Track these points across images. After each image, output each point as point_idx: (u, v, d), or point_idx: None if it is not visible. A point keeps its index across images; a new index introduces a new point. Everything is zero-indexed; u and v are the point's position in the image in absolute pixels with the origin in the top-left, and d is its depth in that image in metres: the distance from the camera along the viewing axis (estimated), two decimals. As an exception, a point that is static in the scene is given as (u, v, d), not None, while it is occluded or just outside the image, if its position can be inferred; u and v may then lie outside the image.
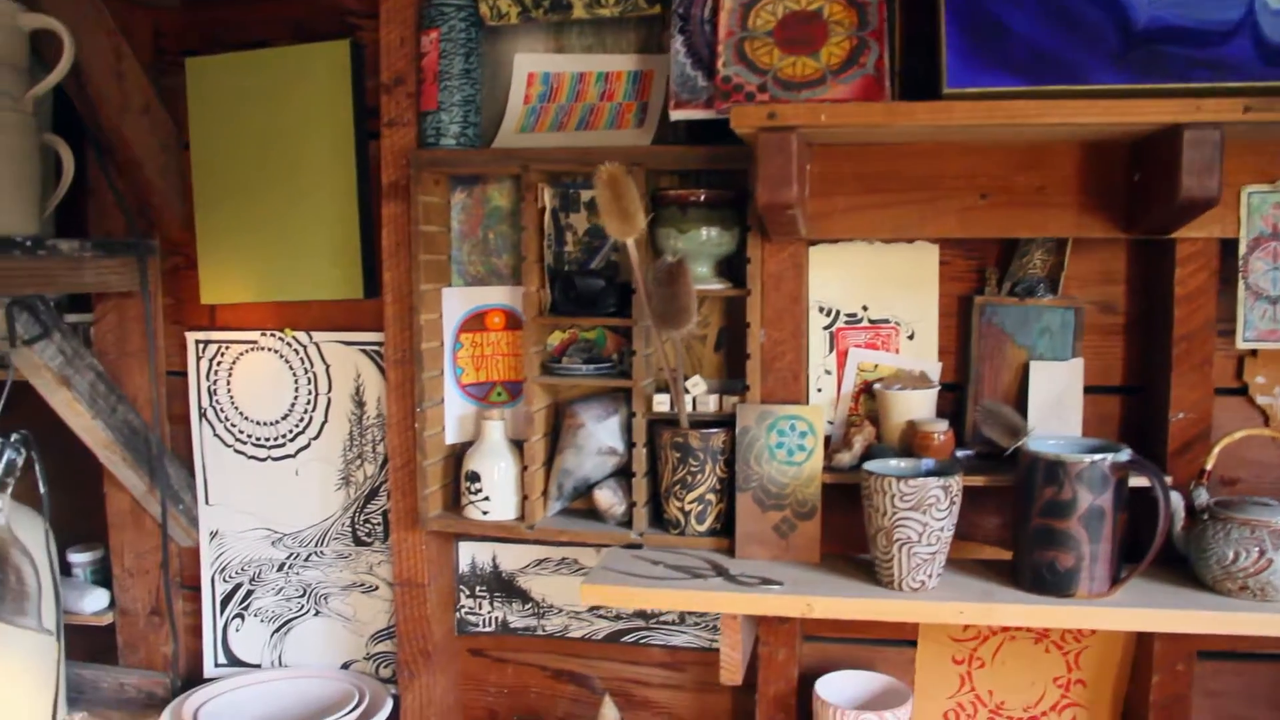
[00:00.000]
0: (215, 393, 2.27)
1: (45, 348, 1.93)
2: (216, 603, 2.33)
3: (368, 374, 2.18)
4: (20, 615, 1.68)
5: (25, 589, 1.72)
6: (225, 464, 2.28)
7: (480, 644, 2.21)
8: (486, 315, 2.07)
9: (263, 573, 2.30)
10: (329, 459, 2.22)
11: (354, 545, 2.23)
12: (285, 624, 2.30)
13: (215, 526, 2.31)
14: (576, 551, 2.13)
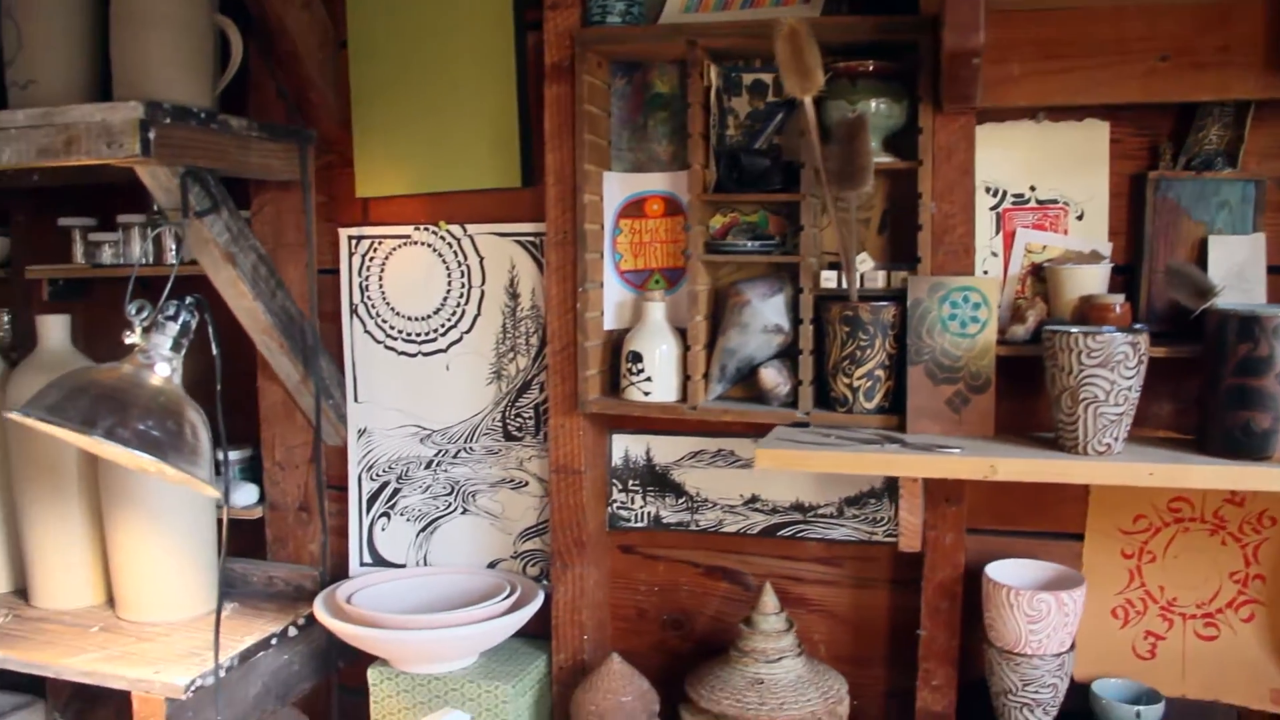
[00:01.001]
0: (367, 289, 2.33)
1: (214, 222, 2.00)
2: (363, 501, 2.38)
3: (523, 265, 2.22)
4: (194, 466, 1.74)
5: (199, 445, 1.77)
6: (375, 361, 2.34)
7: (631, 540, 2.23)
8: (645, 202, 2.11)
9: (410, 470, 2.35)
10: (481, 353, 2.27)
11: (504, 440, 2.27)
12: (431, 523, 2.34)
13: (363, 424, 2.37)
14: (733, 443, 2.15)
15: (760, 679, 1.97)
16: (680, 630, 2.23)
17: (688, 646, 2.23)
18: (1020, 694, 1.88)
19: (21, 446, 2.24)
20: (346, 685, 2.39)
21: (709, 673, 2.02)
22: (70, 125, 1.86)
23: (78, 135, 1.86)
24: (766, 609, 2.01)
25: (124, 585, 2.19)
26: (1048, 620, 1.84)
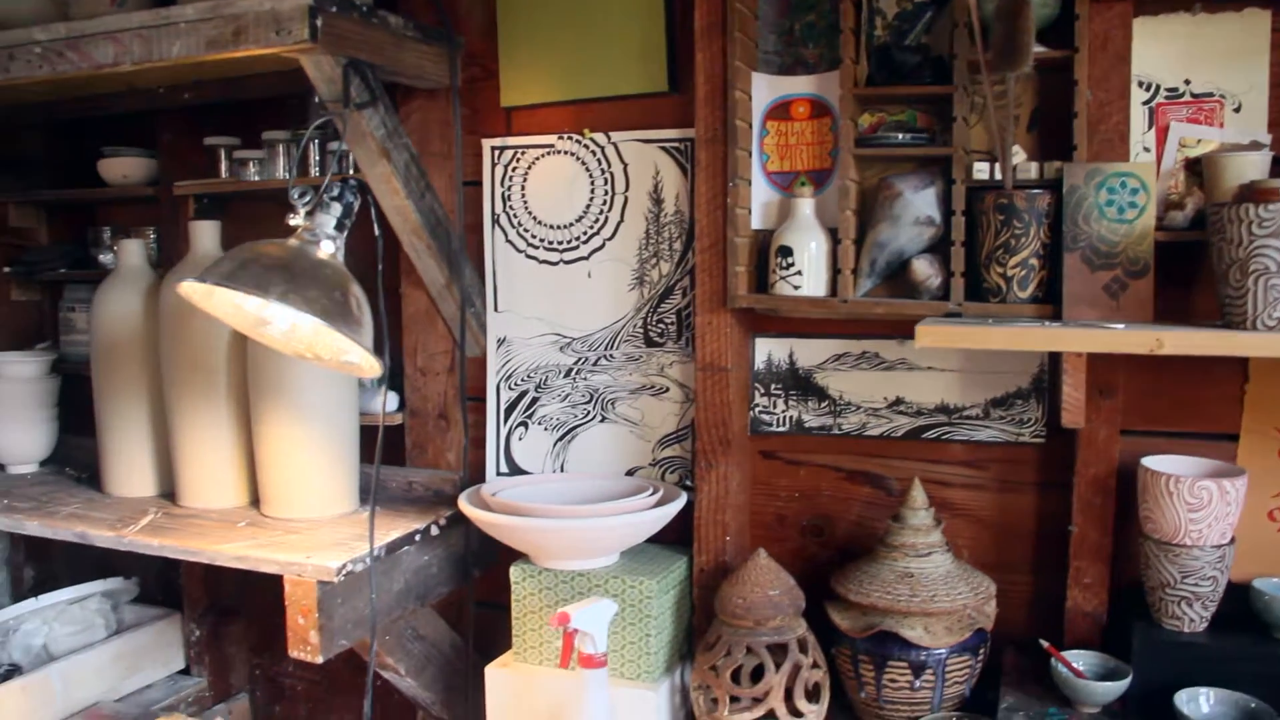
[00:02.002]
0: (509, 198, 2.40)
1: (372, 116, 2.07)
2: (501, 410, 2.44)
3: (667, 171, 2.27)
4: (359, 336, 1.80)
5: (363, 319, 1.84)
6: (516, 270, 2.40)
7: (772, 445, 2.27)
8: (792, 105, 2.15)
9: (549, 379, 2.40)
10: (623, 259, 2.32)
11: (645, 346, 2.32)
12: (569, 431, 2.39)
13: (503, 333, 2.43)
14: (878, 345, 2.18)
15: (910, 573, 2.00)
16: (821, 536, 2.26)
17: (828, 553, 2.25)
18: (1179, 587, 1.88)
19: (174, 350, 2.34)
20: (481, 600, 2.44)
21: (856, 570, 2.05)
22: (239, 16, 1.95)
23: (246, 25, 1.95)
24: (915, 504, 2.04)
25: (270, 483, 2.27)
26: (1209, 509, 1.85)
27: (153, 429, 2.46)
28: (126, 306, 2.44)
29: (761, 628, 2.02)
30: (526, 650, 2.19)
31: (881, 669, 1.99)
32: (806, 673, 2.03)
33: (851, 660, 2.03)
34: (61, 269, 2.88)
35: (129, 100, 2.59)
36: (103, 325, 2.45)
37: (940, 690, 1.99)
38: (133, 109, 2.62)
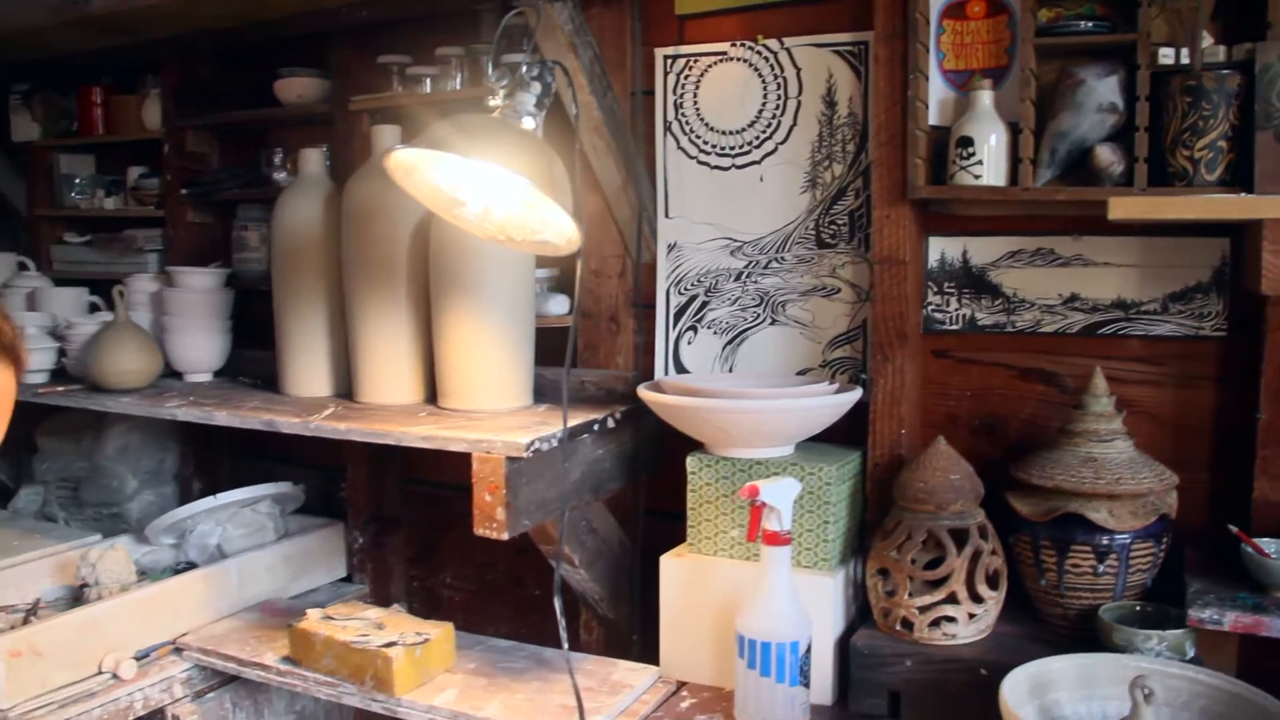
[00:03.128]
0: (681, 106, 2.46)
1: (561, 10, 2.15)
2: (670, 315, 2.51)
3: (840, 75, 2.32)
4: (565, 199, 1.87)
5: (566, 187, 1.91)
6: (687, 176, 2.47)
7: (945, 344, 2.31)
8: (968, 4, 2.19)
9: (718, 283, 2.46)
10: (796, 163, 2.37)
11: (816, 249, 2.37)
12: (739, 334, 2.45)
13: (674, 239, 2.49)
14: (1053, 241, 2.21)
15: (1093, 457, 2.02)
16: (993, 435, 2.29)
17: (999, 452, 2.28)
18: (1371, 469, 1.89)
19: (355, 253, 2.44)
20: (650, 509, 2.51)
21: (1036, 457, 2.08)
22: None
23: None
24: (1097, 390, 2.06)
25: (449, 376, 2.35)
26: (1405, 389, 1.85)
27: (330, 331, 2.56)
28: (307, 213, 2.54)
29: (943, 512, 2.05)
30: (701, 541, 2.24)
31: (1064, 554, 2.02)
32: (987, 559, 2.06)
33: (1032, 547, 2.06)
34: (235, 189, 3.00)
35: (302, 23, 2.70)
36: (283, 231, 2.56)
37: (1123, 577, 2.01)
38: (306, 31, 2.72)
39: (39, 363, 2.86)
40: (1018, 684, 1.80)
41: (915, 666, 2.04)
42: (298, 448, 3.03)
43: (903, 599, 2.05)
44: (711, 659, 2.22)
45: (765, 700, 2.00)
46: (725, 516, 2.22)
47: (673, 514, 2.46)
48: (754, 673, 2.00)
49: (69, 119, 3.40)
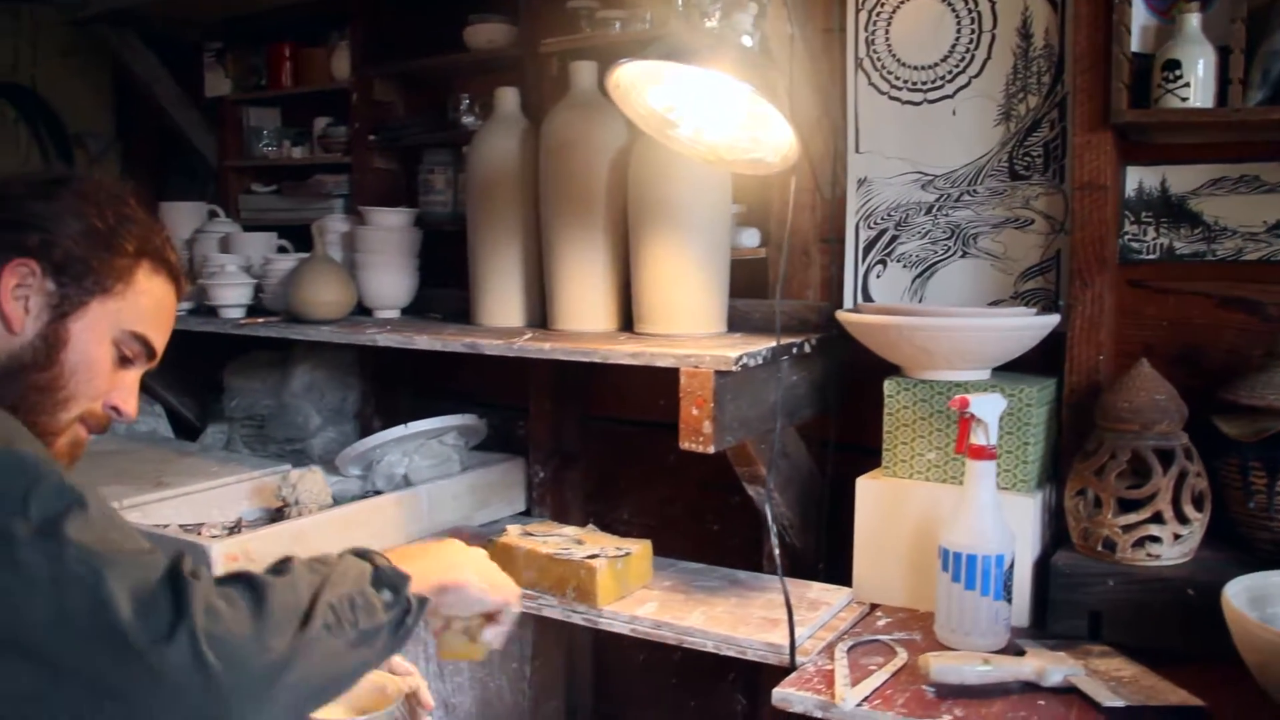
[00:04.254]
0: (873, 42, 2.49)
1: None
2: (860, 248, 2.54)
3: (1036, 7, 2.34)
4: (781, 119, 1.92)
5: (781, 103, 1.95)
6: (878, 112, 2.50)
7: (1141, 274, 2.30)
8: (1173, -69, 2.19)
9: (908, 217, 2.49)
10: (990, 95, 2.39)
11: (1010, 181, 2.39)
12: (929, 268, 2.48)
13: (863, 174, 2.53)
14: (1258, 167, 2.19)
15: (1310, 374, 2.01)
16: (1190, 365, 2.28)
17: (1197, 382, 2.26)
18: None
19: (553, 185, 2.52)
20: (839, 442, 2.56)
21: (1244, 379, 2.07)
22: None
23: None
24: (1310, 308, 2.05)
25: (648, 300, 2.41)
26: None
27: (523, 263, 2.64)
28: (503, 149, 2.62)
29: (1147, 431, 2.06)
30: (896, 464, 2.27)
31: (1275, 475, 2.01)
32: (1192, 480, 2.05)
33: (1240, 470, 2.05)
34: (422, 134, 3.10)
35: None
36: (480, 167, 2.64)
37: (1335, 496, 1.99)
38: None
39: (236, 298, 2.98)
40: (1237, 594, 1.80)
41: (1118, 587, 2.04)
42: (476, 387, 3.12)
43: (1106, 518, 2.06)
44: (905, 581, 2.25)
45: (969, 613, 2.02)
46: (922, 439, 2.24)
47: (856, 447, 2.50)
48: (957, 586, 2.02)
49: (258, 74, 3.54)
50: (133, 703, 1.19)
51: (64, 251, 1.50)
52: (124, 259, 1.56)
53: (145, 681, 1.19)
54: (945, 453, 2.23)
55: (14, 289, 1.48)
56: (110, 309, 1.55)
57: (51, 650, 1.18)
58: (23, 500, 1.21)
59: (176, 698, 1.20)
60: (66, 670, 1.18)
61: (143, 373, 1.63)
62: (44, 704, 1.19)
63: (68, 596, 1.18)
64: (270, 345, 3.25)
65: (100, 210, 1.56)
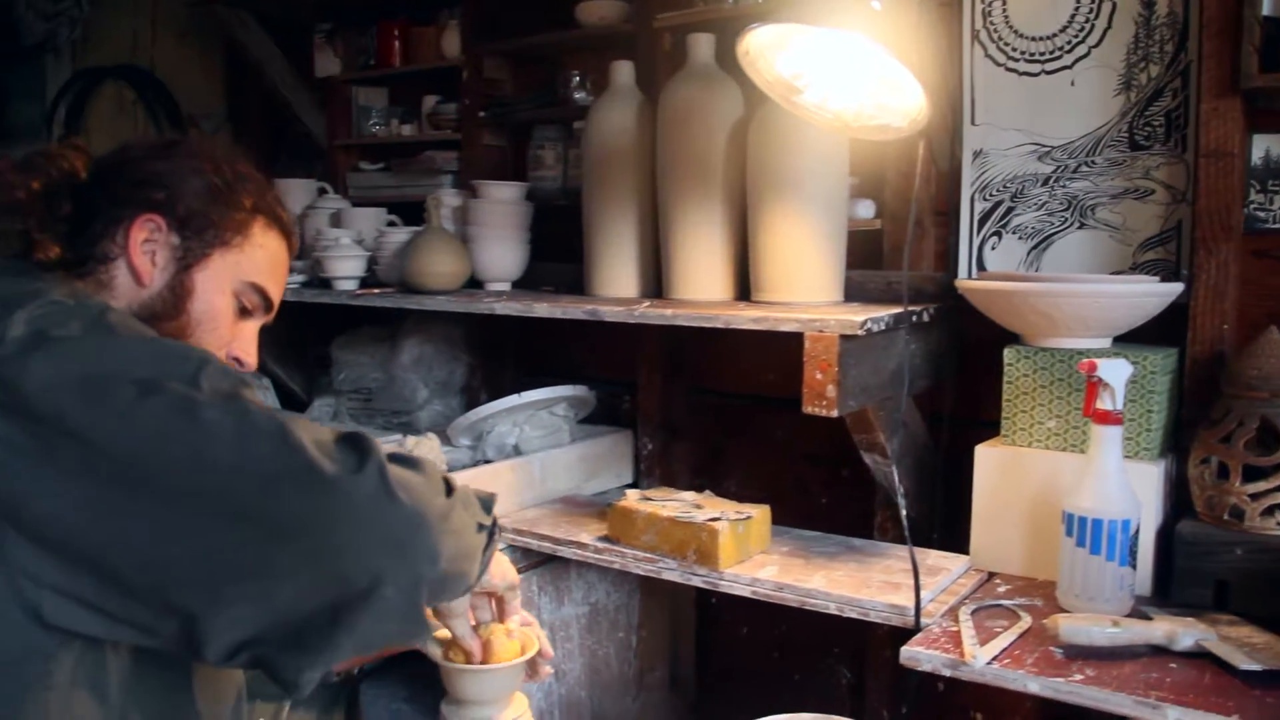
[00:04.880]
0: (990, 14, 2.49)
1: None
2: (974, 221, 2.54)
3: (1161, -26, 2.33)
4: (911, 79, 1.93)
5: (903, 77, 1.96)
6: (994, 84, 2.50)
7: (1266, 244, 2.29)
8: (1302, -103, 2.17)
9: (1024, 188, 2.49)
10: (1110, 65, 2.38)
11: (1129, 151, 2.38)
12: (1045, 239, 2.47)
13: (979, 146, 2.53)
14: (1390, 134, 2.17)
15: None
16: (1315, 337, 2.26)
17: (1322, 354, 2.25)
18: None
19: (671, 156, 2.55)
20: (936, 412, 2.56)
21: (1374, 345, 2.05)
22: None
23: None
24: None
25: (766, 269, 2.44)
26: None
27: (639, 235, 2.67)
28: (619, 122, 2.65)
29: (1277, 399, 2.05)
30: (1016, 433, 2.28)
31: (1406, 442, 1.99)
32: (1323, 449, 2.04)
33: (1371, 436, 2.04)
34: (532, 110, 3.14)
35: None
36: (596, 140, 2.68)
37: None
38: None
39: (350, 270, 3.03)
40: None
41: (1246, 556, 2.03)
42: (581, 363, 3.16)
43: (1233, 486, 2.05)
44: (1023, 549, 2.25)
45: (1093, 578, 2.02)
46: (1041, 407, 2.25)
47: (968, 420, 2.51)
48: (1082, 551, 2.02)
49: (367, 54, 3.60)
50: (320, 536, 1.26)
51: (186, 206, 1.60)
52: (241, 213, 1.65)
53: (337, 512, 1.27)
54: (1065, 421, 2.22)
55: (142, 243, 1.58)
56: (230, 261, 1.65)
57: (238, 497, 1.25)
58: (194, 377, 1.29)
59: (368, 525, 1.27)
60: (252, 515, 1.25)
61: (260, 325, 1.72)
62: (225, 555, 1.26)
63: (255, 445, 1.26)
64: (377, 320, 3.32)
65: (217, 167, 1.66)
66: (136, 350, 1.34)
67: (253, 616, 1.28)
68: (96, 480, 1.25)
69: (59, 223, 1.57)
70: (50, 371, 1.26)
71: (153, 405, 1.26)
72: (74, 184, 1.61)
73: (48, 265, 1.54)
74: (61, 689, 1.33)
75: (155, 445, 1.25)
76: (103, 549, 1.26)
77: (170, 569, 1.26)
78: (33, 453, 1.25)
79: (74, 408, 1.25)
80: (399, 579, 1.30)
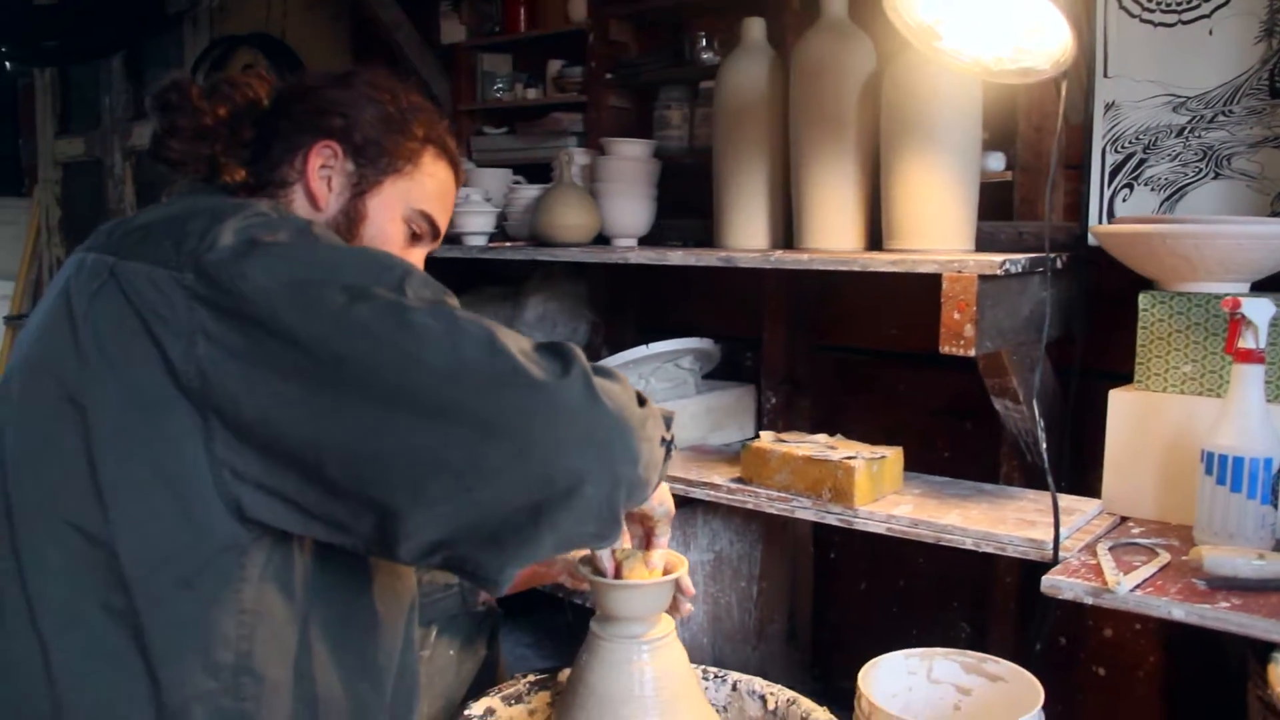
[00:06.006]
0: (1125, -35, 2.51)
1: None
2: (1106, 173, 2.56)
3: (1306, -78, 2.33)
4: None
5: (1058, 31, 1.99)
6: (1128, 35, 2.51)
7: (1407, 191, 2.28)
8: None
9: (1158, 140, 2.50)
10: (1250, 11, 2.38)
11: (1269, 99, 2.38)
12: (1178, 190, 2.48)
13: (1111, 98, 2.54)
14: None
15: None
16: None
17: None
18: None
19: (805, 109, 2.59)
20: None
21: None
22: None
23: None
24: None
25: (900, 217, 2.47)
26: None
27: (769, 187, 2.72)
28: (751, 76, 2.70)
29: None
30: (1150, 378, 2.29)
31: None
32: None
33: None
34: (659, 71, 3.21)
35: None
36: (727, 95, 2.73)
37: None
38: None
39: (479, 226, 3.12)
40: None
41: (1386, 496, 2.03)
42: (702, 319, 3.22)
43: (1377, 429, 2.05)
44: (1156, 493, 2.26)
45: (1233, 515, 2.03)
46: (1177, 352, 2.26)
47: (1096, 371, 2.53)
48: (1222, 489, 2.04)
49: (491, 21, 3.69)
50: (527, 436, 1.28)
51: (362, 134, 1.66)
52: (414, 142, 1.71)
53: (545, 413, 1.29)
54: (1202, 365, 2.24)
55: (319, 169, 1.65)
56: (401, 188, 1.70)
57: (448, 398, 1.29)
58: (399, 283, 1.34)
59: (574, 426, 1.30)
60: (462, 416, 1.28)
61: (428, 252, 1.78)
62: (432, 453, 1.29)
63: (465, 348, 1.29)
64: (501, 279, 3.40)
65: (394, 97, 1.71)
66: (344, 257, 1.40)
67: (453, 514, 1.31)
68: (306, 382, 1.30)
69: (242, 148, 1.65)
70: (263, 275, 1.32)
71: (362, 310, 1.30)
72: (257, 111, 1.69)
73: (231, 189, 1.63)
74: (253, 582, 1.39)
75: (366, 348, 1.29)
76: (309, 446, 1.31)
77: (375, 467, 1.30)
78: (245, 354, 1.30)
79: (286, 311, 1.30)
80: (600, 480, 1.32)
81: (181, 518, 1.34)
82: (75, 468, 1.32)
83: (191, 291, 1.30)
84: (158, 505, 1.34)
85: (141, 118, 4.43)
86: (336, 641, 1.51)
